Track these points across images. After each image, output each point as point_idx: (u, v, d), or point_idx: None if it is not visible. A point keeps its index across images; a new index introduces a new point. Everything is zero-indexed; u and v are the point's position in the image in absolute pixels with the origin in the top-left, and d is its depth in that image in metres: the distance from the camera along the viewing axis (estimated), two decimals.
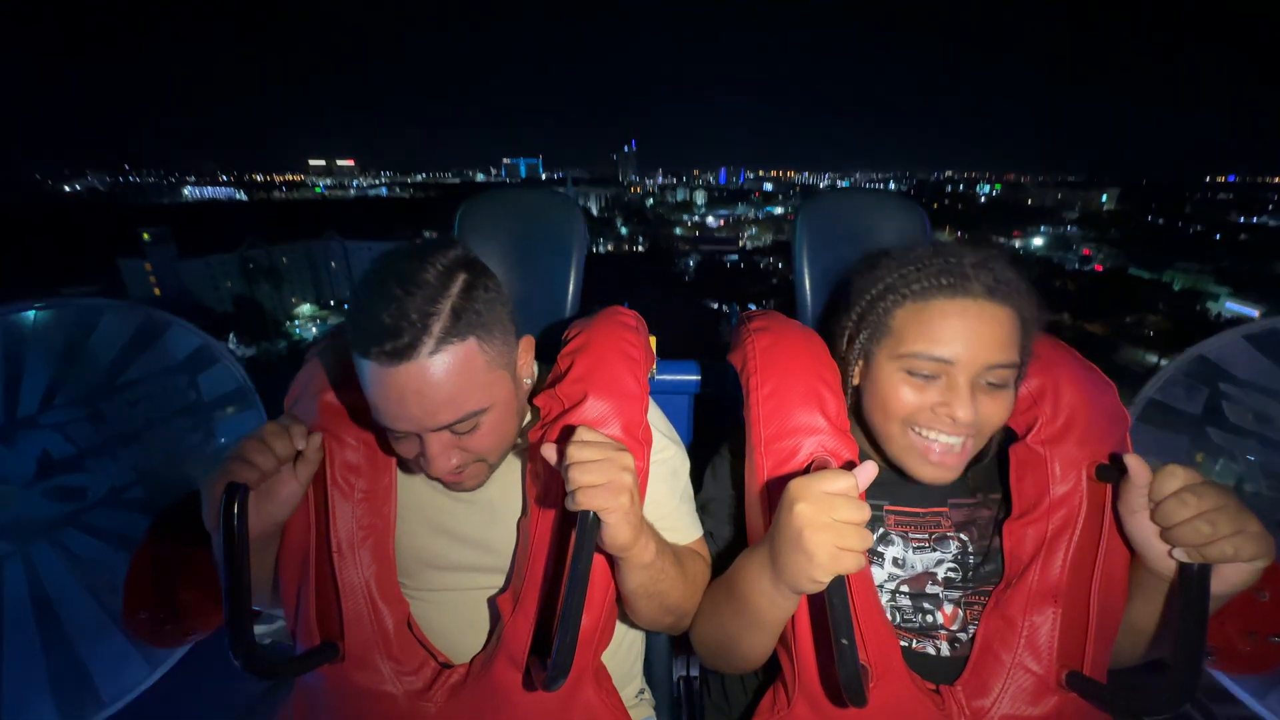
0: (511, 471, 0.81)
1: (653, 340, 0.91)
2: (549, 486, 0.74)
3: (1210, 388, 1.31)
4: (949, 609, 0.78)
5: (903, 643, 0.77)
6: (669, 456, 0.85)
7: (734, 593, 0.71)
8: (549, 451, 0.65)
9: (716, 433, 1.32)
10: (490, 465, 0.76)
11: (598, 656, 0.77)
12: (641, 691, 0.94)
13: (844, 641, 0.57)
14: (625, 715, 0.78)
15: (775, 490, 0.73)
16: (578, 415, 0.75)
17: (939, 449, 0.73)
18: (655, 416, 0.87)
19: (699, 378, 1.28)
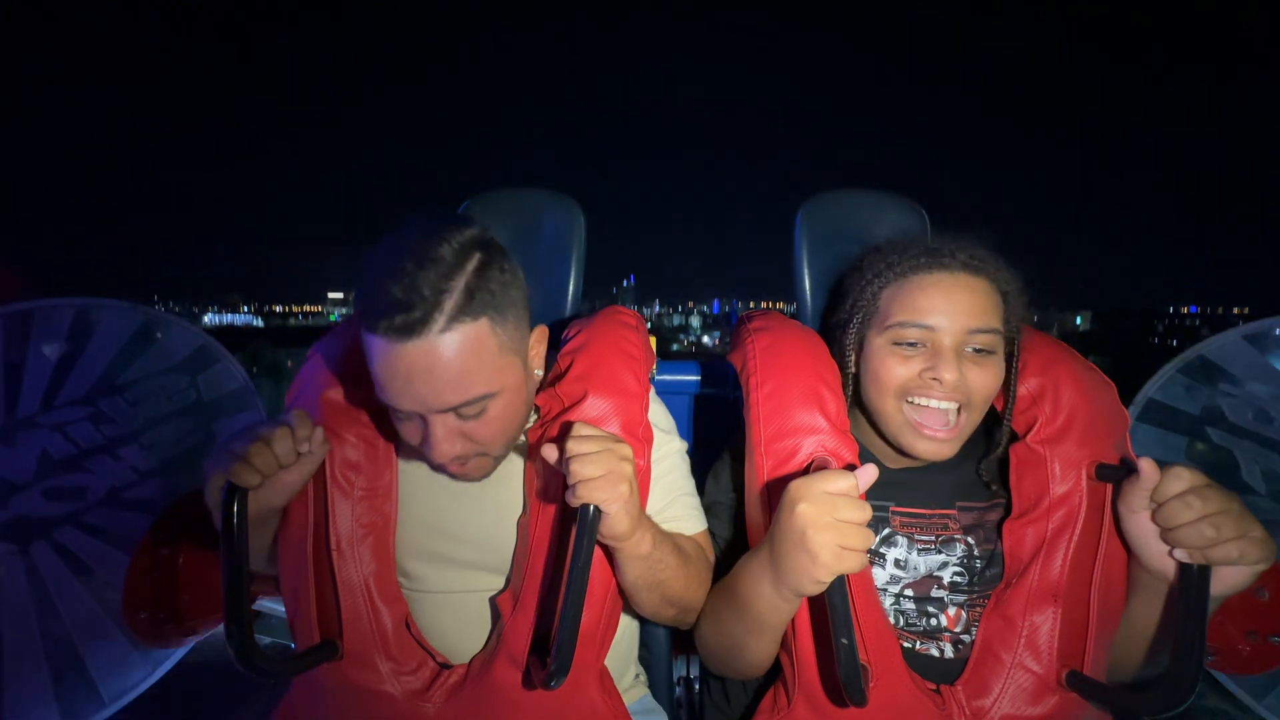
0: (512, 470, 0.80)
1: (652, 340, 0.91)
2: (549, 484, 0.74)
3: (1210, 388, 1.31)
4: (953, 612, 0.78)
5: (906, 644, 0.77)
6: (671, 451, 0.85)
7: (735, 597, 0.71)
8: (549, 451, 0.65)
9: (716, 433, 1.32)
10: (494, 459, 0.75)
11: (601, 656, 0.76)
12: (637, 675, 0.94)
13: (844, 641, 0.57)
14: (626, 716, 0.78)
15: (775, 490, 0.73)
16: (578, 414, 0.75)
17: (932, 420, 0.75)
18: (656, 412, 0.86)
19: (699, 378, 1.28)
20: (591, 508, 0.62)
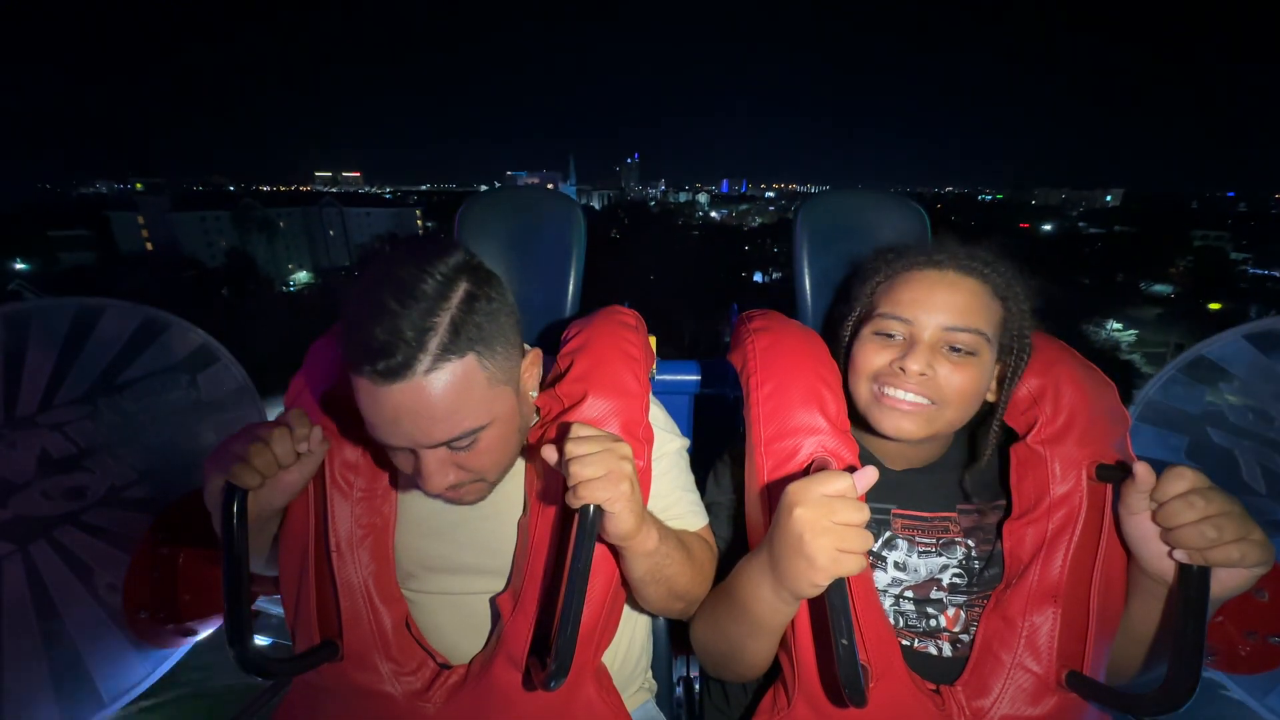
0: (512, 472, 0.80)
1: (652, 340, 0.91)
2: (549, 485, 0.74)
3: (1210, 388, 1.31)
4: (951, 612, 0.78)
5: (904, 642, 0.77)
6: (671, 450, 0.85)
7: (734, 600, 0.71)
8: (549, 453, 0.64)
9: (716, 433, 1.32)
10: (490, 483, 0.74)
11: (598, 655, 0.77)
12: (643, 684, 0.94)
13: (844, 641, 0.57)
14: (625, 715, 0.78)
15: (776, 491, 0.73)
16: (578, 414, 0.75)
17: (898, 402, 0.77)
18: (655, 411, 0.86)
19: (699, 378, 1.28)
20: (592, 508, 0.62)
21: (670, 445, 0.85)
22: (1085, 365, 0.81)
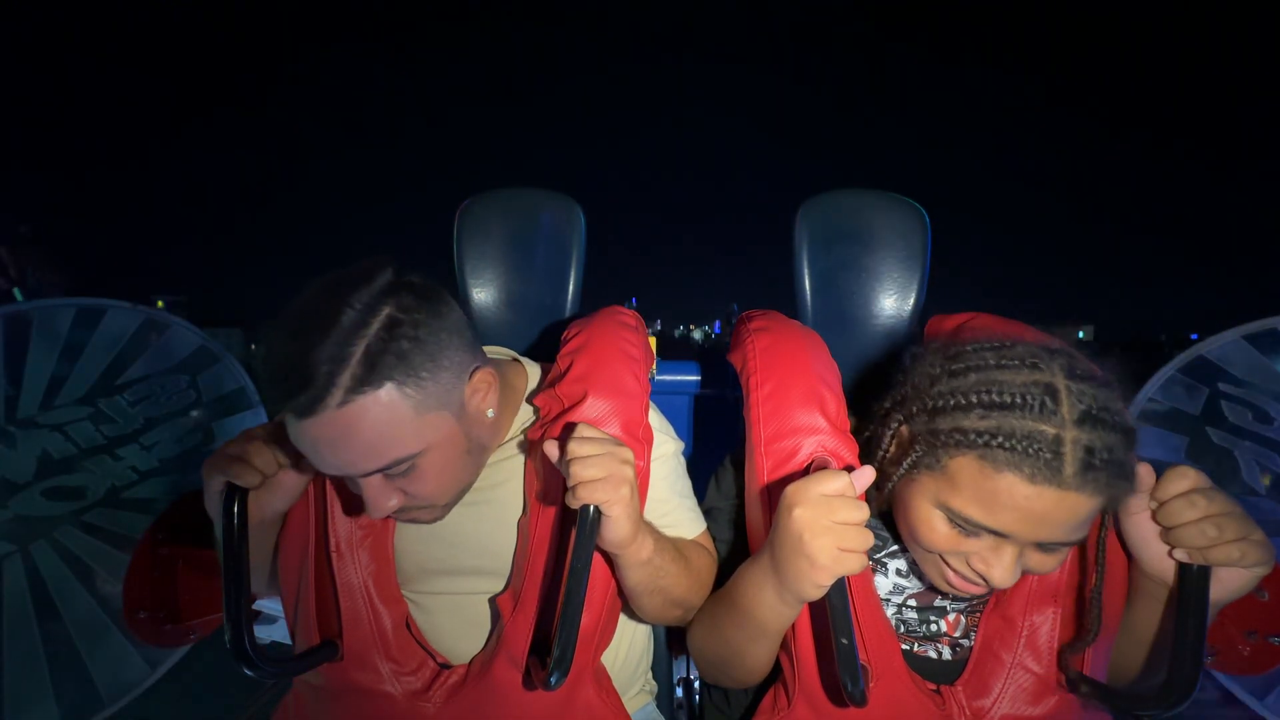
0: (511, 472, 0.80)
1: (652, 340, 0.91)
2: (549, 485, 0.74)
3: (1210, 388, 1.31)
4: (952, 617, 0.78)
5: (904, 646, 0.77)
6: (668, 454, 0.85)
7: (735, 606, 0.70)
8: (551, 449, 0.64)
9: (716, 433, 1.32)
10: (442, 506, 0.72)
11: (598, 656, 0.77)
12: (644, 686, 0.94)
13: (844, 641, 0.57)
14: (625, 715, 0.78)
15: (776, 491, 0.73)
16: (578, 414, 0.75)
17: (965, 586, 0.66)
18: (651, 415, 0.86)
19: (699, 378, 1.28)
20: (592, 509, 0.62)
21: (667, 448, 0.85)
22: (1087, 362, 0.81)
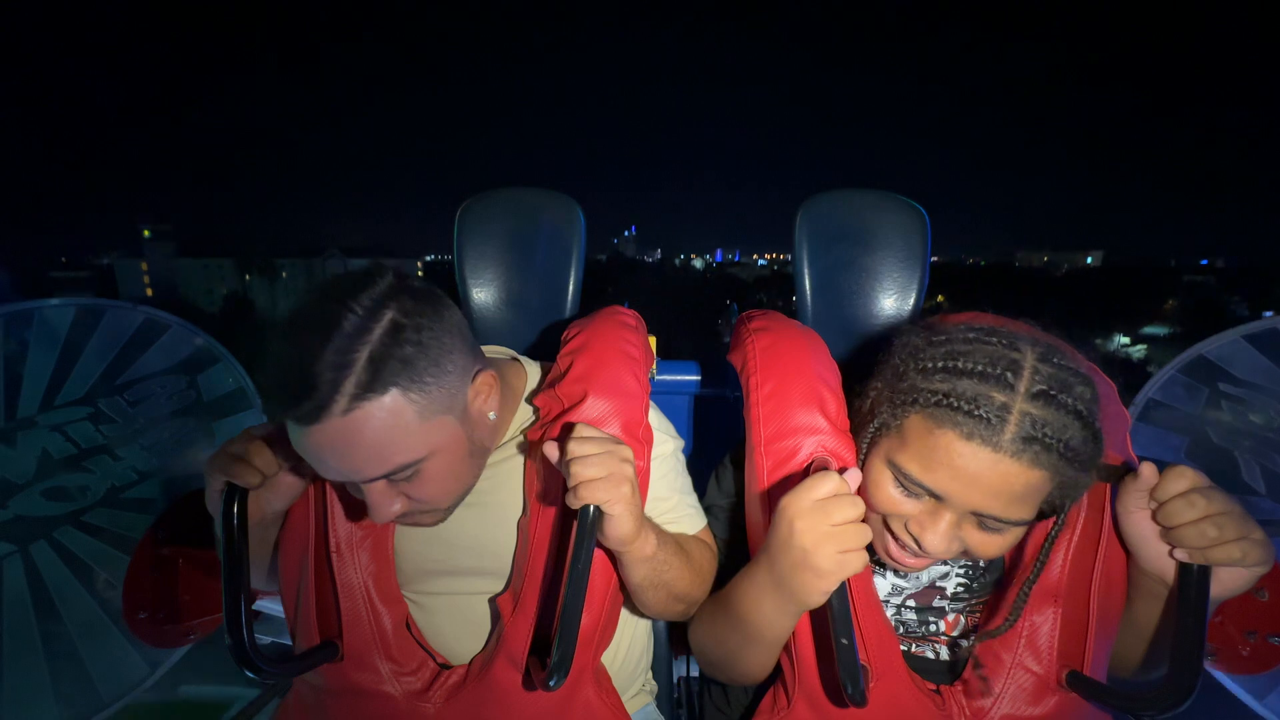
0: (511, 473, 0.80)
1: (652, 340, 0.91)
2: (549, 485, 0.74)
3: (1210, 388, 1.31)
4: (951, 618, 0.78)
5: (903, 646, 0.77)
6: (668, 452, 0.85)
7: (732, 611, 0.71)
8: (550, 449, 0.64)
9: (716, 433, 1.32)
10: (444, 509, 0.72)
11: (598, 656, 0.77)
12: (644, 685, 0.94)
13: (844, 641, 0.57)
14: (625, 715, 0.78)
15: (775, 491, 0.73)
16: (578, 415, 0.75)
17: (904, 558, 0.68)
18: (652, 414, 0.86)
19: (699, 378, 1.28)
20: (592, 509, 0.62)
21: (667, 447, 0.85)
22: (1086, 365, 0.81)
